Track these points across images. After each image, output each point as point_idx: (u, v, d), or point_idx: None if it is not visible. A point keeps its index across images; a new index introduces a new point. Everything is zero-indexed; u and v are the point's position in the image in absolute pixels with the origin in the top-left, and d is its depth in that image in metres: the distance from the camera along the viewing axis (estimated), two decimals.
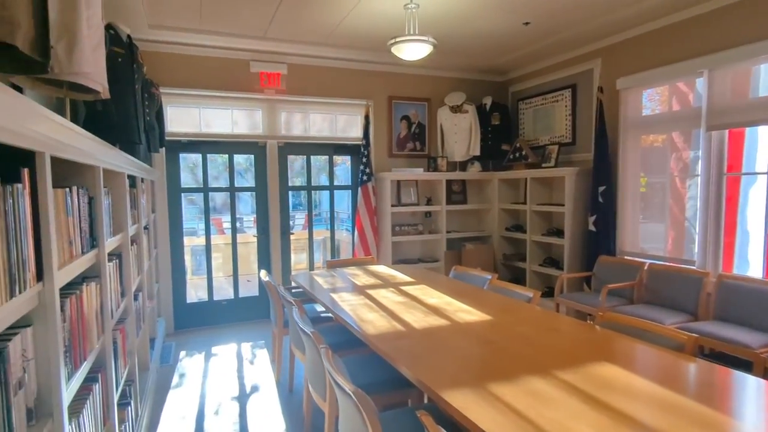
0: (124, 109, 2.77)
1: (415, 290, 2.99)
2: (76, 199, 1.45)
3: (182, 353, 3.86)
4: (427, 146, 5.44)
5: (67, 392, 1.19)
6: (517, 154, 5.10)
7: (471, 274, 3.41)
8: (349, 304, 2.63)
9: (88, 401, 1.43)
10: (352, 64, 4.93)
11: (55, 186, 1.32)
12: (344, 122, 5.10)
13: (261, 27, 4.04)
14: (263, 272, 3.40)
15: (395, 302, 2.67)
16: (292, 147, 4.88)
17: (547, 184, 5.00)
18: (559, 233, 4.66)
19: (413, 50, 3.32)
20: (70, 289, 1.38)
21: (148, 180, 3.54)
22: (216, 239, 4.95)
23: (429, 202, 5.34)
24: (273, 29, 4.10)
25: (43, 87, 1.78)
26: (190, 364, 3.63)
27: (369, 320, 2.32)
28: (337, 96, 4.93)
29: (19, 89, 1.85)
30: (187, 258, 4.76)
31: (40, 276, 1.04)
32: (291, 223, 5.01)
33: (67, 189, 1.38)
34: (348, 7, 3.59)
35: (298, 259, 5.42)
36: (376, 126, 5.14)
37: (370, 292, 2.96)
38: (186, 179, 4.58)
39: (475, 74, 5.58)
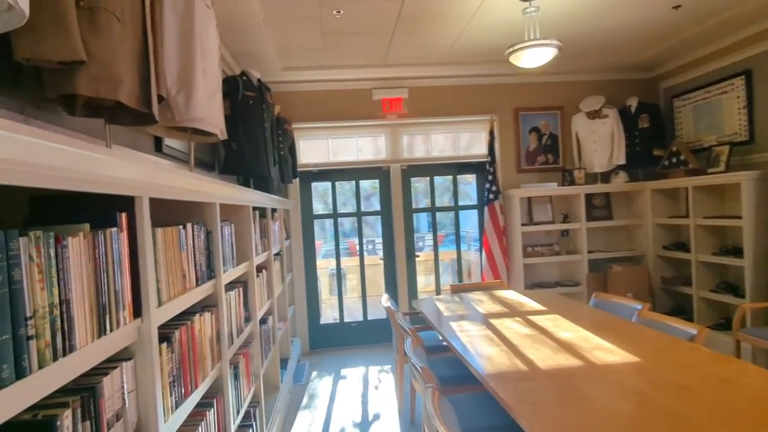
0: (255, 146, 3.02)
1: (545, 321, 2.66)
2: (191, 235, 1.56)
3: (314, 373, 4.03)
4: (561, 158, 4.97)
5: (173, 420, 1.25)
6: (674, 160, 4.35)
7: (615, 303, 2.93)
8: (467, 335, 2.44)
9: (200, 427, 1.50)
10: (473, 80, 4.77)
11: (173, 224, 1.44)
12: (467, 140, 4.94)
13: (379, 55, 4.14)
14: (384, 297, 3.38)
15: (520, 335, 2.40)
16: (415, 169, 4.87)
17: (717, 193, 4.14)
18: (737, 252, 3.79)
19: (534, 56, 3.05)
20: (182, 319, 1.48)
21: (281, 209, 3.81)
22: (346, 261, 5.13)
23: (566, 219, 4.83)
24: (391, 56, 4.17)
25: (176, 134, 2.00)
26: (320, 385, 3.76)
27: (487, 355, 2.10)
28: (459, 114, 4.80)
29: (160, 139, 2.12)
30: (323, 280, 5.02)
31: (138, 312, 1.10)
32: (420, 244, 4.97)
33: (181, 226, 1.49)
34: (461, 24, 3.48)
35: (427, 282, 5.35)
36: (501, 141, 4.87)
37: (494, 321, 2.71)
38: (317, 206, 4.86)
39: (615, 74, 4.96)
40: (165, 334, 1.32)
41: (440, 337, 3.35)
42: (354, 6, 3.09)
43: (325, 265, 5.82)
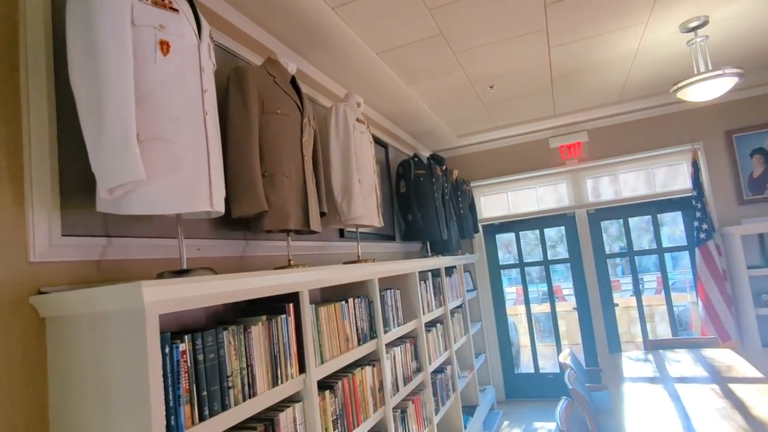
0: (427, 216, 3.53)
1: (755, 393, 2.29)
2: (352, 307, 2.10)
3: (505, 423, 4.14)
4: None
5: None
6: None
7: None
8: (645, 406, 2.31)
9: None
10: (663, 110, 4.35)
11: (340, 299, 2.00)
12: (664, 175, 4.45)
13: (547, 109, 4.24)
14: (564, 352, 3.35)
15: (717, 414, 2.15)
16: (604, 212, 4.63)
17: None
18: None
19: (708, 89, 2.76)
20: (348, 370, 2.00)
21: (460, 265, 4.18)
22: (538, 308, 5.10)
23: None
24: (560, 107, 4.22)
25: (348, 226, 2.64)
26: None
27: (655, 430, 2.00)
28: (651, 148, 4.41)
29: (342, 230, 2.79)
30: (521, 327, 5.09)
31: (303, 369, 1.64)
32: (635, 288, 4.61)
33: (344, 301, 2.04)
34: (623, 66, 3.36)
35: (634, 332, 4.85)
36: (711, 170, 4.23)
37: (683, 389, 2.46)
38: (503, 256, 5.05)
39: None
40: (330, 383, 1.85)
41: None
42: (502, 80, 3.38)
43: (516, 313, 5.86)
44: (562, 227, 4.80)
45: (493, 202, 5.02)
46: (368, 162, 2.43)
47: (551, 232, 4.92)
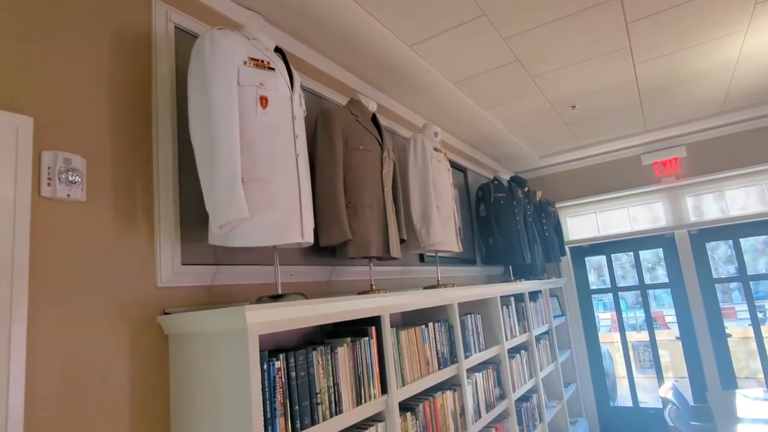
0: (508, 239, 3.50)
1: None
2: (432, 331, 2.16)
3: None
4: None
5: None
6: None
7: None
8: None
9: None
10: None
11: (420, 323, 2.08)
12: None
13: (637, 125, 4.03)
14: (665, 386, 3.10)
15: None
16: (708, 233, 4.23)
17: None
18: None
19: None
20: (427, 394, 2.05)
21: (546, 289, 4.05)
22: (634, 337, 4.74)
23: None
24: (652, 122, 3.99)
25: (426, 250, 2.71)
26: None
27: None
28: (763, 161, 3.98)
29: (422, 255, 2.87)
30: (616, 356, 4.76)
31: (384, 390, 1.73)
32: (752, 317, 4.16)
33: (424, 325, 2.10)
34: (724, 76, 3.12)
35: (754, 367, 4.32)
36: None
37: None
38: (594, 280, 4.79)
39: None
40: (411, 405, 1.91)
41: None
42: (585, 99, 3.30)
43: (610, 341, 5.47)
44: (660, 249, 4.46)
45: (581, 224, 4.81)
46: (446, 189, 2.50)
47: (647, 254, 4.59)
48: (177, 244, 1.43)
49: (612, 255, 4.69)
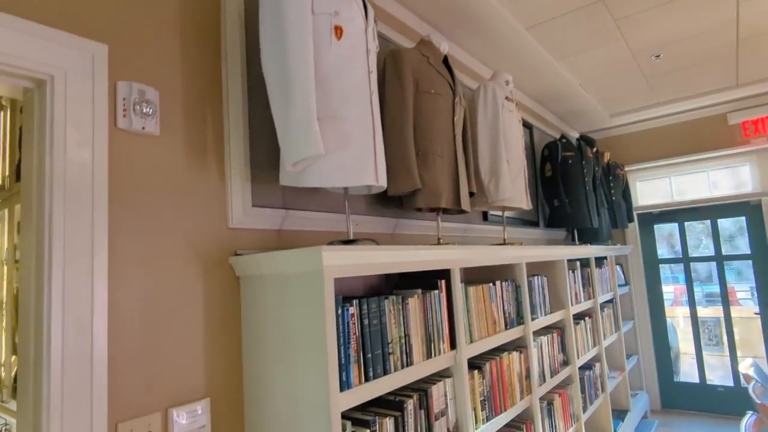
0: (575, 201, 3.30)
1: None
2: (500, 289, 2.06)
3: None
4: None
5: (483, 429, 1.73)
6: None
7: None
8: None
9: None
10: None
11: (487, 281, 1.98)
12: None
13: (727, 79, 3.62)
14: (746, 362, 2.87)
15: None
16: None
17: None
18: None
19: None
20: (494, 353, 1.97)
21: (612, 256, 3.82)
22: (705, 312, 4.44)
23: None
24: (745, 76, 3.57)
25: (493, 208, 2.57)
26: None
27: None
28: None
29: (486, 212, 2.74)
30: (680, 331, 4.51)
31: (453, 345, 1.66)
32: None
33: (491, 283, 2.00)
34: None
35: None
36: None
37: None
38: (662, 250, 4.49)
39: None
40: (478, 363, 1.84)
41: None
42: (672, 48, 2.97)
43: (678, 314, 5.15)
44: (743, 218, 4.09)
45: (652, 188, 4.47)
46: (517, 142, 2.34)
47: (726, 223, 4.22)
48: (248, 185, 1.39)
49: (685, 223, 4.35)
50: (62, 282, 0.99)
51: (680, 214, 4.36)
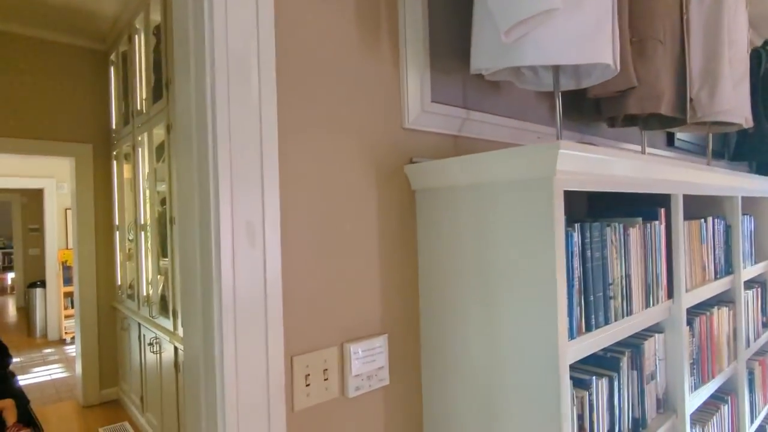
0: (758, 129, 2.60)
1: None
2: (711, 229, 1.60)
3: None
4: None
5: (690, 399, 1.37)
6: None
7: None
8: None
9: (714, 417, 1.54)
10: None
11: (693, 217, 1.54)
12: None
13: None
14: None
15: None
16: None
17: None
18: None
19: None
20: (701, 309, 1.55)
21: None
22: None
23: None
24: None
25: (693, 128, 2.02)
26: None
27: None
28: None
29: (672, 134, 2.21)
30: None
31: (670, 294, 1.27)
32: None
33: (702, 220, 1.55)
34: None
35: None
36: None
37: None
38: None
39: None
40: (688, 318, 1.44)
41: None
42: None
43: None
44: None
45: None
46: (742, 36, 1.75)
47: None
48: (427, 74, 1.07)
49: None
50: (230, 183, 0.77)
51: None
